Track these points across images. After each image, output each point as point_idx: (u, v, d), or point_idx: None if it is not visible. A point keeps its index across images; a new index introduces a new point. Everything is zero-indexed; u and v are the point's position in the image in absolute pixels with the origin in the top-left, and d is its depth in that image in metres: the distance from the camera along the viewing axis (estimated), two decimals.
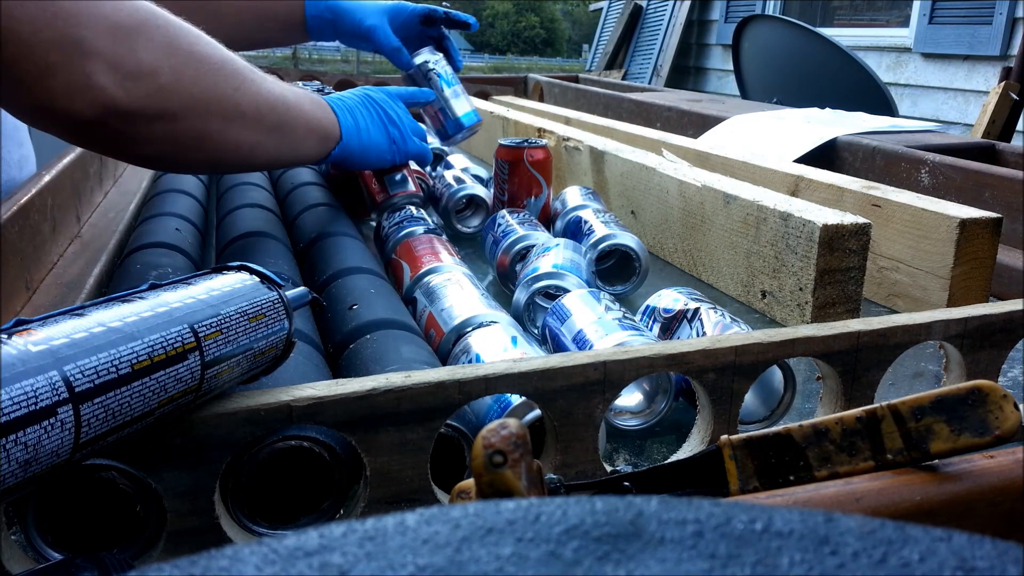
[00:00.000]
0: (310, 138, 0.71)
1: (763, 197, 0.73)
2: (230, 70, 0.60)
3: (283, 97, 0.66)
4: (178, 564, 0.14)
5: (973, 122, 2.67)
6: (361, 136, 0.77)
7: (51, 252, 0.75)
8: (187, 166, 0.72)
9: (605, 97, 1.74)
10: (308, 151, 0.72)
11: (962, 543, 0.14)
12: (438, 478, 0.41)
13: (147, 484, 0.37)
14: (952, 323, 0.50)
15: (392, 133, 0.81)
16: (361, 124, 0.77)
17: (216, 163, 0.69)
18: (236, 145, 0.63)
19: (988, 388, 0.30)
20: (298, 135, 0.69)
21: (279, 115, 0.66)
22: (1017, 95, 2.23)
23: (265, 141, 0.65)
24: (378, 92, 0.82)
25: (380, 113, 0.80)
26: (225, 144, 0.62)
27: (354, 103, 0.78)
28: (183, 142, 0.59)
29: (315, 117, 0.71)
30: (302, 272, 0.71)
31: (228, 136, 0.62)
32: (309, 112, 0.70)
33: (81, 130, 0.54)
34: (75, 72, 0.50)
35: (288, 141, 0.68)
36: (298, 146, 0.70)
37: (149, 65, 0.54)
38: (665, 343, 0.46)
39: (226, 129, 0.61)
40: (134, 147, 0.58)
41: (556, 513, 0.15)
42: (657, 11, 5.49)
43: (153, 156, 0.61)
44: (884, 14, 4.46)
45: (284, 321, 0.40)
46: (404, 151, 0.82)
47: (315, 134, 0.71)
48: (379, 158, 0.80)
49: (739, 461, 0.32)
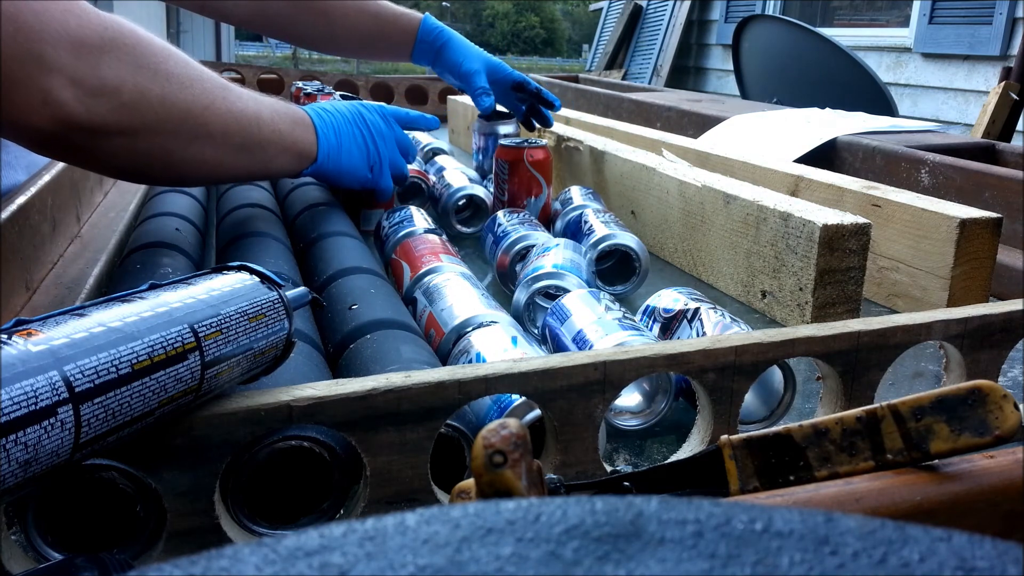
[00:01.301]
0: (283, 156, 0.71)
1: (763, 197, 0.73)
2: (199, 89, 0.61)
3: (257, 117, 0.66)
4: (178, 564, 0.14)
5: (973, 122, 2.67)
6: (341, 158, 0.77)
7: (51, 252, 0.75)
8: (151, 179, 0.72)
9: (605, 97, 1.74)
10: (280, 168, 0.73)
11: (962, 543, 0.14)
12: (438, 478, 0.41)
13: (147, 484, 0.37)
14: (952, 323, 0.50)
15: (373, 159, 0.81)
16: (344, 145, 0.77)
17: (180, 178, 0.70)
18: (201, 162, 0.64)
19: (988, 388, 0.30)
20: (269, 154, 0.69)
21: (250, 135, 0.66)
22: (1017, 95, 2.23)
23: (233, 159, 0.66)
24: (373, 112, 0.81)
25: (366, 137, 0.80)
26: (189, 162, 0.63)
27: (342, 120, 0.78)
28: (146, 158, 0.60)
29: (291, 137, 0.71)
30: (302, 272, 0.71)
31: (193, 154, 0.62)
32: (285, 132, 0.70)
33: (44, 142, 0.55)
34: (35, 87, 0.51)
35: (258, 160, 0.69)
36: (269, 164, 0.71)
37: (112, 82, 0.54)
38: (665, 343, 0.46)
39: (191, 147, 0.62)
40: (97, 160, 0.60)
41: (556, 513, 0.15)
42: (657, 11, 5.49)
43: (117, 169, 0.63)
44: (884, 14, 4.46)
45: (284, 321, 0.40)
46: (375, 181, 0.82)
47: (289, 153, 0.72)
48: (353, 182, 0.80)
49: (739, 461, 0.32)
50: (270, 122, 0.68)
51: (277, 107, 0.70)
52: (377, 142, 0.81)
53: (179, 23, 8.15)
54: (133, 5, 5.10)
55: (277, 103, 0.71)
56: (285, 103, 0.73)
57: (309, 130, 0.74)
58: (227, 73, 1.78)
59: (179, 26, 8.19)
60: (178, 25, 8.13)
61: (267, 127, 0.68)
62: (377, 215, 0.89)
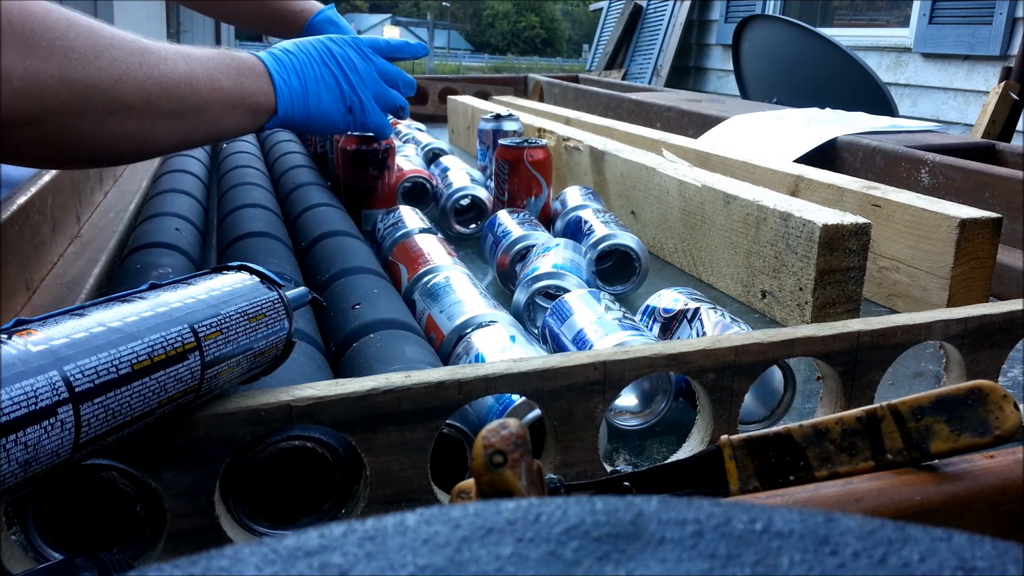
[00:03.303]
0: (231, 114, 0.65)
1: (763, 197, 0.73)
2: (107, 60, 0.55)
3: (189, 78, 0.60)
4: (178, 564, 0.14)
5: (973, 122, 2.67)
6: (308, 104, 0.70)
7: (51, 252, 0.75)
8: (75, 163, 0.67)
9: (605, 97, 1.74)
10: (232, 127, 0.66)
11: (962, 543, 0.14)
12: (438, 478, 0.41)
13: (147, 484, 0.37)
14: (952, 323, 0.50)
15: (350, 99, 0.73)
16: (310, 88, 0.70)
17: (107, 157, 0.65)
18: (125, 137, 0.58)
19: (988, 388, 0.30)
20: (212, 114, 0.63)
21: (180, 99, 0.60)
22: (1017, 95, 2.23)
23: (165, 129, 0.60)
24: (343, 46, 0.73)
25: (338, 74, 0.72)
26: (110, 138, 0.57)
27: (306, 61, 0.70)
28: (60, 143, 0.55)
29: (239, 91, 0.64)
30: (304, 272, 0.71)
31: (112, 131, 0.57)
32: (229, 87, 0.64)
33: None
34: None
35: (200, 124, 0.63)
36: (216, 125, 0.64)
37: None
38: (665, 343, 0.46)
39: (108, 124, 0.56)
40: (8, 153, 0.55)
41: (556, 513, 0.15)
42: (657, 11, 5.49)
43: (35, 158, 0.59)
44: (884, 14, 4.46)
45: (284, 321, 0.40)
46: (361, 122, 0.74)
47: (238, 109, 0.65)
48: (330, 126, 0.73)
49: (739, 461, 0.32)
50: (207, 79, 0.62)
51: (218, 60, 0.64)
52: (351, 78, 0.73)
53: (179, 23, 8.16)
54: (133, 5, 5.10)
55: (220, 55, 0.65)
56: (232, 53, 0.67)
57: (262, 79, 0.67)
58: None
59: (179, 26, 8.19)
60: (178, 25, 8.13)
61: (203, 86, 0.62)
62: (377, 215, 0.89)
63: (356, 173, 0.94)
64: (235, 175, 0.99)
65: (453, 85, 1.93)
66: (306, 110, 0.70)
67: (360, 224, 0.91)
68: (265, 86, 0.67)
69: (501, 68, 14.84)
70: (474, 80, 2.00)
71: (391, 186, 0.97)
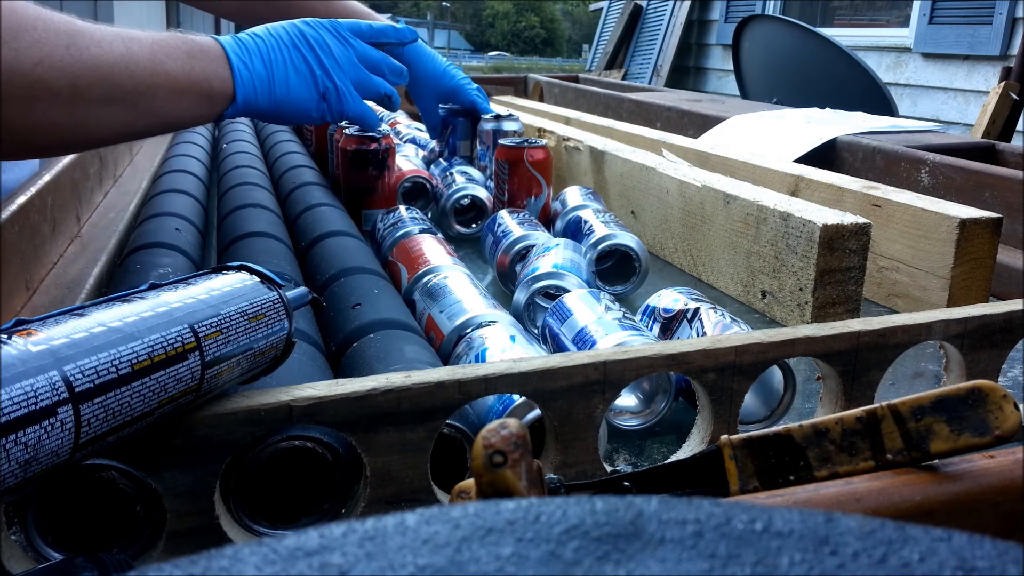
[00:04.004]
0: (181, 100, 0.60)
1: (763, 197, 0.73)
2: (28, 41, 0.50)
3: (126, 60, 0.55)
4: (178, 564, 0.14)
5: (973, 122, 2.66)
6: (275, 89, 0.65)
7: (51, 252, 0.75)
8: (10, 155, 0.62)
9: (605, 97, 1.74)
10: (182, 115, 0.61)
11: (962, 543, 0.14)
12: (438, 478, 0.41)
13: (147, 484, 0.37)
14: (952, 323, 0.50)
15: (323, 86, 0.67)
16: (276, 73, 0.65)
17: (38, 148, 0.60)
18: (54, 126, 0.54)
19: (988, 388, 0.30)
20: (156, 101, 0.58)
21: (116, 84, 0.55)
22: (1017, 95, 2.23)
23: (97, 115, 0.55)
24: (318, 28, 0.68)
25: (310, 58, 0.67)
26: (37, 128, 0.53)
27: (273, 44, 0.65)
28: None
29: (188, 76, 0.59)
30: (304, 272, 0.71)
31: (36, 119, 0.52)
32: (176, 71, 0.59)
33: None
34: None
35: (141, 111, 0.58)
36: (161, 112, 0.59)
37: None
38: (665, 343, 0.46)
39: (32, 112, 0.52)
40: None
41: (556, 513, 0.15)
42: (657, 11, 5.49)
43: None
44: (884, 14, 4.46)
45: (284, 321, 0.40)
46: (338, 110, 0.69)
47: (188, 95, 0.60)
48: (300, 115, 0.67)
49: (739, 461, 0.32)
50: (149, 63, 0.57)
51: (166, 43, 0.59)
52: (325, 62, 0.68)
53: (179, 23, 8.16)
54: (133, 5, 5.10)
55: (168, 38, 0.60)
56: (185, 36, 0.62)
57: (218, 62, 0.62)
58: None
59: (179, 25, 8.20)
60: (178, 24, 8.14)
61: (143, 69, 0.56)
62: (377, 215, 0.89)
63: (356, 173, 0.94)
64: (235, 175, 0.99)
65: None
66: (272, 96, 0.65)
67: (360, 224, 0.91)
68: (221, 70, 0.62)
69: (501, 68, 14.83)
70: (474, 80, 2.00)
71: (391, 186, 0.97)
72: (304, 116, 0.68)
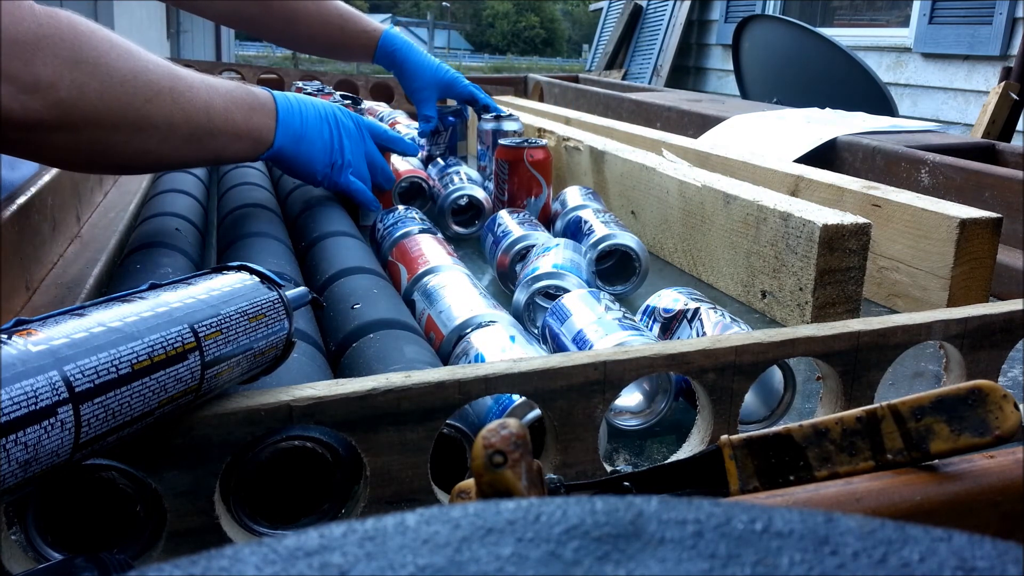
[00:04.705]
0: (237, 144, 0.72)
1: (763, 197, 0.73)
2: (142, 82, 0.61)
3: (207, 106, 0.67)
4: (178, 564, 0.14)
5: (973, 122, 2.66)
6: (300, 147, 0.77)
7: (51, 252, 0.75)
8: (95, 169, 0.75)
9: (605, 97, 1.74)
10: (234, 155, 0.73)
11: (962, 543, 0.14)
12: (438, 478, 0.41)
13: (147, 484, 0.37)
14: (952, 323, 0.50)
15: (334, 158, 0.81)
16: (307, 135, 0.77)
17: (124, 168, 0.73)
18: (144, 153, 0.64)
19: (988, 388, 0.30)
20: (220, 142, 0.70)
21: (198, 125, 0.66)
22: (1017, 95, 2.23)
23: (180, 150, 0.67)
24: (347, 117, 0.83)
25: (333, 134, 0.80)
26: (132, 153, 0.64)
27: (313, 113, 0.78)
28: (87, 151, 0.61)
29: (247, 124, 0.72)
30: (303, 272, 0.71)
31: (135, 146, 0.63)
32: (239, 120, 0.70)
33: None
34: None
35: (208, 149, 0.69)
36: (221, 152, 0.71)
37: (47, 78, 0.55)
38: (665, 343, 0.46)
39: (133, 140, 0.62)
40: (38, 154, 0.61)
41: (556, 513, 0.15)
42: (657, 11, 5.49)
43: (60, 161, 0.65)
44: (884, 14, 4.46)
45: (284, 321, 0.40)
46: (335, 180, 0.82)
47: (243, 140, 0.72)
48: (309, 173, 0.80)
49: (739, 461, 0.32)
50: (223, 111, 0.68)
51: (235, 94, 0.70)
52: (344, 143, 0.81)
53: (179, 23, 8.15)
54: (133, 5, 5.10)
55: (236, 89, 0.71)
56: (247, 89, 0.73)
57: (269, 116, 0.74)
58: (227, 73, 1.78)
59: (179, 26, 8.19)
60: (178, 25, 8.13)
61: (219, 117, 0.68)
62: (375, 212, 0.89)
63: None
64: (235, 175, 0.99)
65: None
66: (296, 151, 0.77)
67: (357, 219, 0.91)
68: (270, 122, 0.74)
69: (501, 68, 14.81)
70: (474, 80, 2.00)
71: None
72: (311, 175, 0.81)
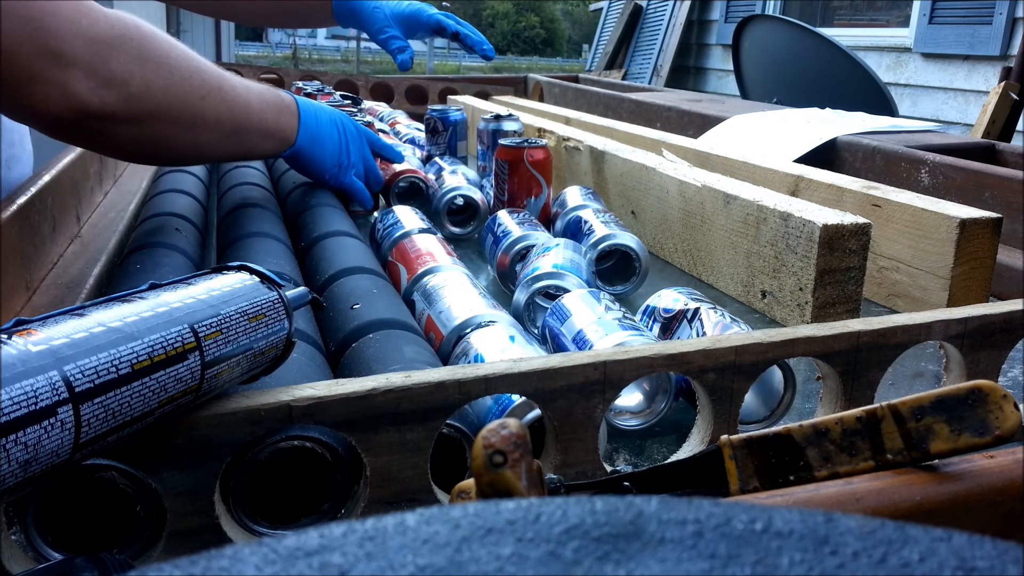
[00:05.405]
0: (267, 142, 0.79)
1: (763, 197, 0.73)
2: (198, 80, 0.67)
3: (246, 105, 0.73)
4: (178, 564, 0.14)
5: (973, 122, 2.66)
6: (315, 147, 0.84)
7: (51, 252, 0.75)
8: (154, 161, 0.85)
9: (605, 97, 1.74)
10: (263, 152, 0.80)
11: (962, 543, 0.14)
12: (438, 478, 0.41)
13: (147, 484, 0.37)
14: (952, 323, 0.50)
15: (341, 159, 0.88)
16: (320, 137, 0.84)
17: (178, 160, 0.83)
18: (196, 146, 0.71)
19: (988, 388, 0.30)
20: (254, 139, 0.76)
21: (239, 123, 0.73)
22: (1017, 95, 2.23)
23: (223, 144, 0.73)
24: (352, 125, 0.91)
25: (341, 137, 0.88)
26: (187, 146, 0.70)
27: (325, 116, 0.86)
28: (149, 143, 0.66)
29: (276, 124, 0.79)
30: (303, 272, 0.71)
31: (189, 139, 0.69)
32: (270, 119, 0.77)
33: (60, 129, 0.61)
34: (54, 80, 0.57)
35: (245, 145, 0.76)
36: (254, 148, 0.78)
37: (121, 75, 0.60)
38: (665, 343, 0.46)
39: (188, 133, 0.68)
40: (107, 145, 0.66)
41: (556, 513, 0.15)
42: (657, 11, 5.49)
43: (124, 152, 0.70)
44: (884, 14, 4.46)
45: (284, 321, 0.40)
46: (340, 179, 0.89)
47: (273, 139, 0.79)
48: (321, 172, 0.87)
49: (739, 461, 0.32)
50: (258, 111, 0.75)
51: (266, 96, 0.77)
52: (350, 145, 0.89)
53: (179, 23, 8.15)
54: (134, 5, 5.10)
55: (266, 92, 0.77)
56: (275, 91, 0.80)
57: (293, 117, 0.81)
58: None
59: (179, 26, 8.18)
60: (178, 25, 8.13)
61: (255, 115, 0.74)
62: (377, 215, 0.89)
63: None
64: (235, 175, 0.99)
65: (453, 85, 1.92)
66: (311, 151, 0.84)
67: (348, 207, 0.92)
68: (293, 123, 0.81)
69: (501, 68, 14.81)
70: (474, 80, 2.00)
71: (387, 186, 0.97)
72: (321, 174, 0.88)
